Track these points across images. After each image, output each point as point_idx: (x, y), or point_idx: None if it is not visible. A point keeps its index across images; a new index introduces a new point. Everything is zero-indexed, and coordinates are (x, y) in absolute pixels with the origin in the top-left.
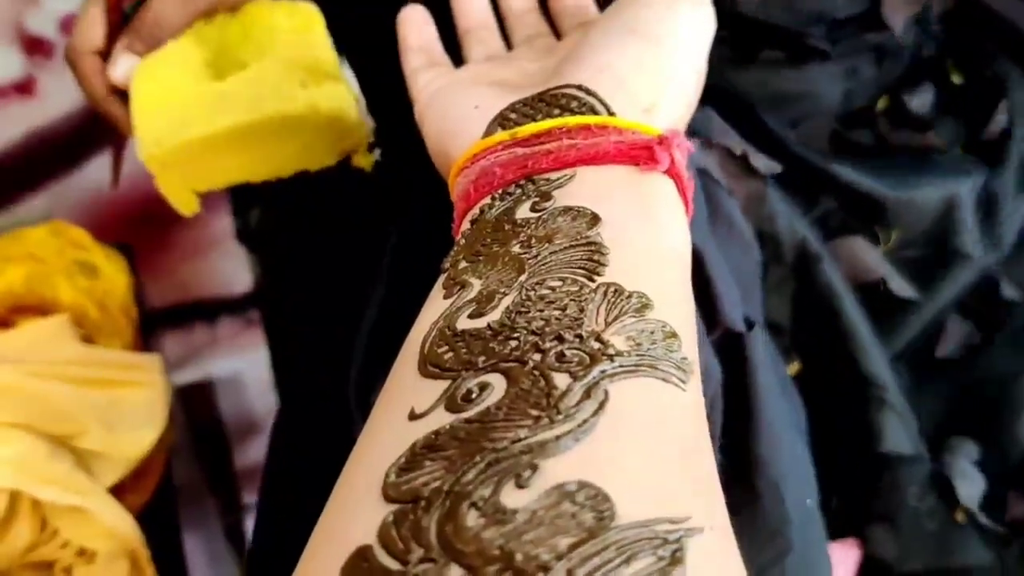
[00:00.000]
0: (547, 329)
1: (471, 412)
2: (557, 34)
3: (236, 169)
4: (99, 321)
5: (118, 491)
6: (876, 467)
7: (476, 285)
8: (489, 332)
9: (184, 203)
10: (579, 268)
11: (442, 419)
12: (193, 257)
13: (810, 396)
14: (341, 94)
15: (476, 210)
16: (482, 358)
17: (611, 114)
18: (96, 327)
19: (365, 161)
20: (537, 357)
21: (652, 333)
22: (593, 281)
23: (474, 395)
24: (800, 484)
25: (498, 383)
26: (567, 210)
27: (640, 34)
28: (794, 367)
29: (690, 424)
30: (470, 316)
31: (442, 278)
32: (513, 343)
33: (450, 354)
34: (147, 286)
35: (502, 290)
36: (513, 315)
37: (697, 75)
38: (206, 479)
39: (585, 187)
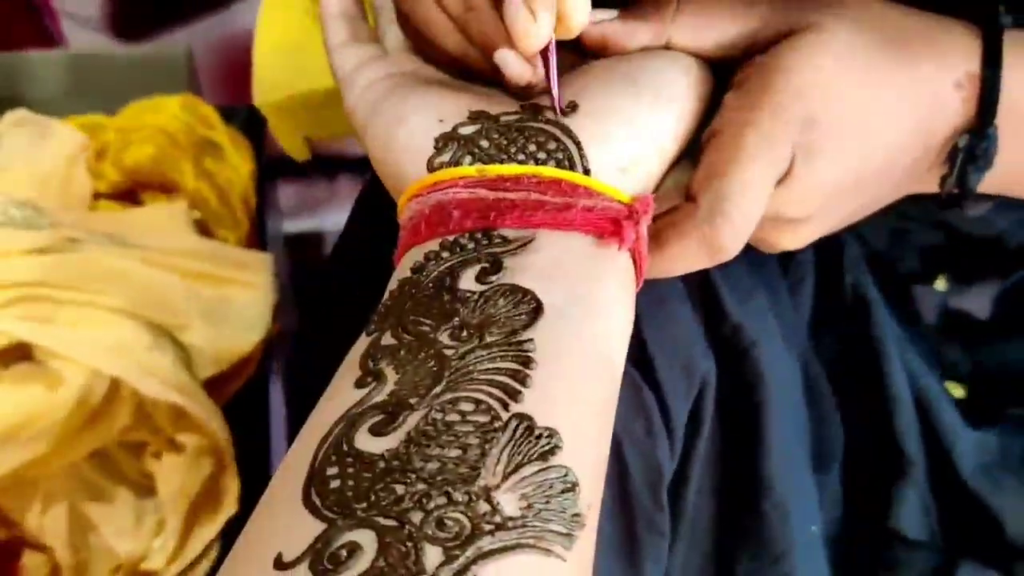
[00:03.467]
0: (439, 478)
1: None
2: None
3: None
4: (218, 210)
5: (214, 379)
6: (883, 538)
7: (390, 382)
8: (382, 465)
9: (295, 149)
10: (498, 389)
11: None
12: None
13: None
14: None
15: (420, 256)
16: (363, 505)
17: (587, 170)
18: (215, 216)
19: None
20: (418, 518)
21: (550, 488)
22: (507, 409)
23: (341, 558)
24: (805, 510)
25: (368, 546)
26: (512, 291)
27: (640, 85)
28: None
29: None
30: (371, 431)
31: (364, 344)
32: (400, 489)
33: (336, 483)
34: (271, 135)
35: (412, 400)
36: (412, 446)
37: (683, 138)
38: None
39: (539, 259)
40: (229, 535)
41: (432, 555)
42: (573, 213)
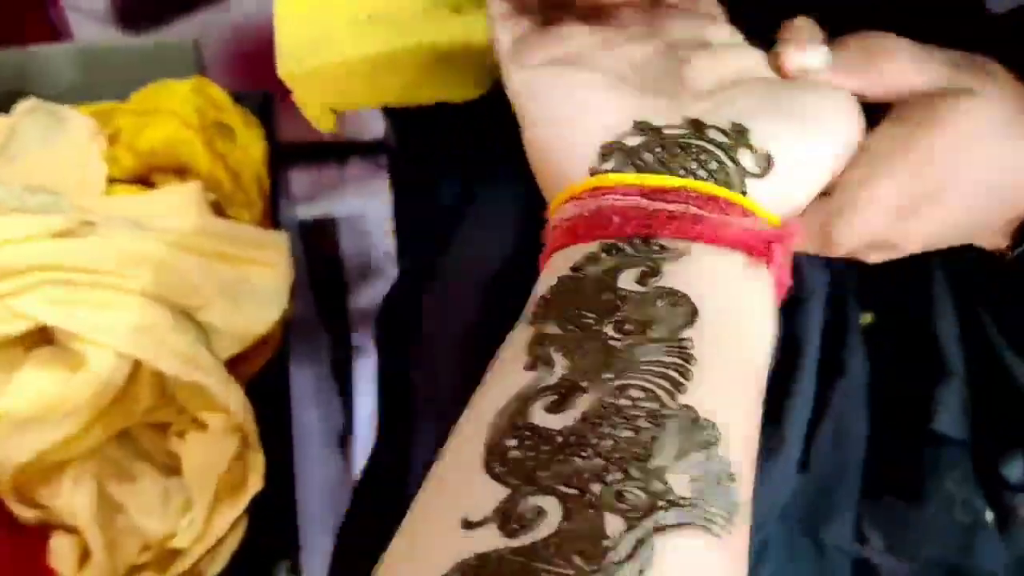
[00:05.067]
0: (615, 455)
1: (521, 541)
2: None
3: (377, 93)
4: (231, 192)
5: (234, 360)
6: (926, 441)
7: (559, 367)
8: (559, 440)
9: (321, 121)
10: (664, 380)
11: (492, 541)
12: None
13: (878, 351)
14: None
15: (580, 256)
16: (545, 474)
17: (743, 193)
18: (228, 197)
19: None
20: (598, 489)
21: (716, 476)
22: (674, 399)
23: (528, 520)
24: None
25: (553, 511)
26: (670, 294)
27: (807, 121)
28: (867, 318)
29: None
30: (546, 409)
31: (528, 333)
32: (578, 462)
33: (516, 453)
34: (282, 121)
35: (584, 383)
36: (587, 425)
37: (835, 173)
38: (319, 315)
39: (695, 269)
40: (254, 513)
41: (614, 522)
42: (729, 230)
